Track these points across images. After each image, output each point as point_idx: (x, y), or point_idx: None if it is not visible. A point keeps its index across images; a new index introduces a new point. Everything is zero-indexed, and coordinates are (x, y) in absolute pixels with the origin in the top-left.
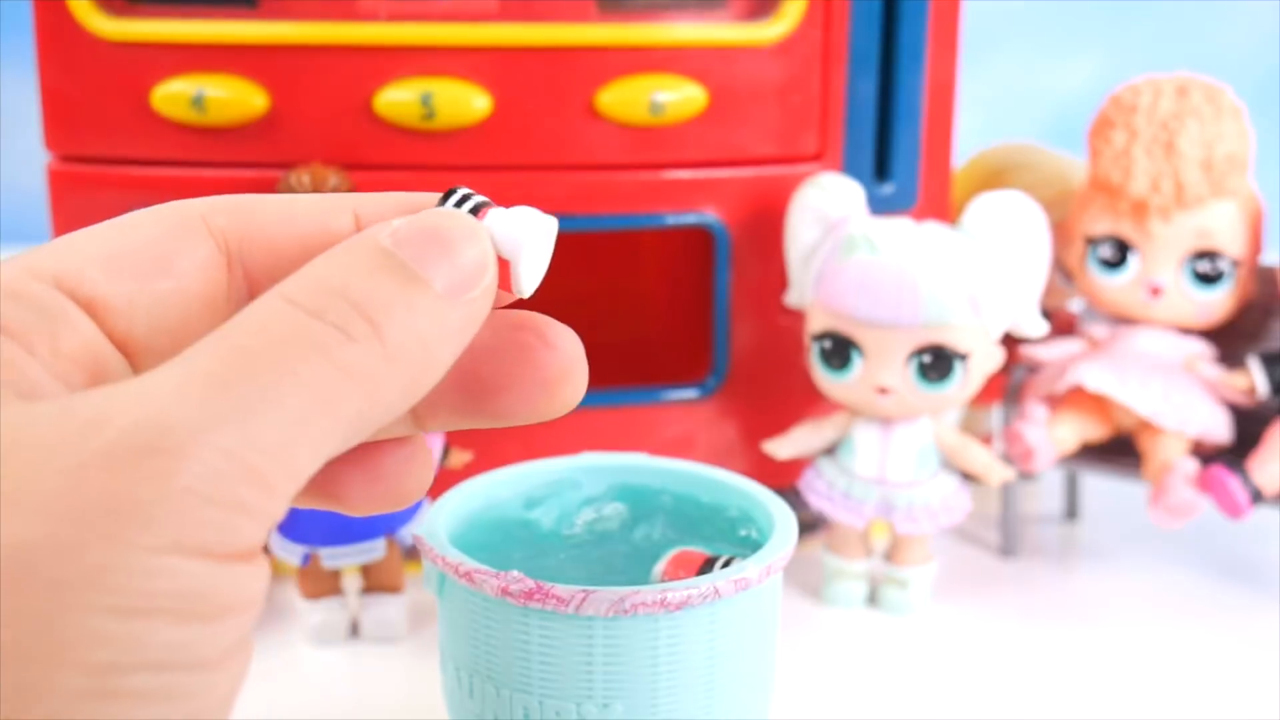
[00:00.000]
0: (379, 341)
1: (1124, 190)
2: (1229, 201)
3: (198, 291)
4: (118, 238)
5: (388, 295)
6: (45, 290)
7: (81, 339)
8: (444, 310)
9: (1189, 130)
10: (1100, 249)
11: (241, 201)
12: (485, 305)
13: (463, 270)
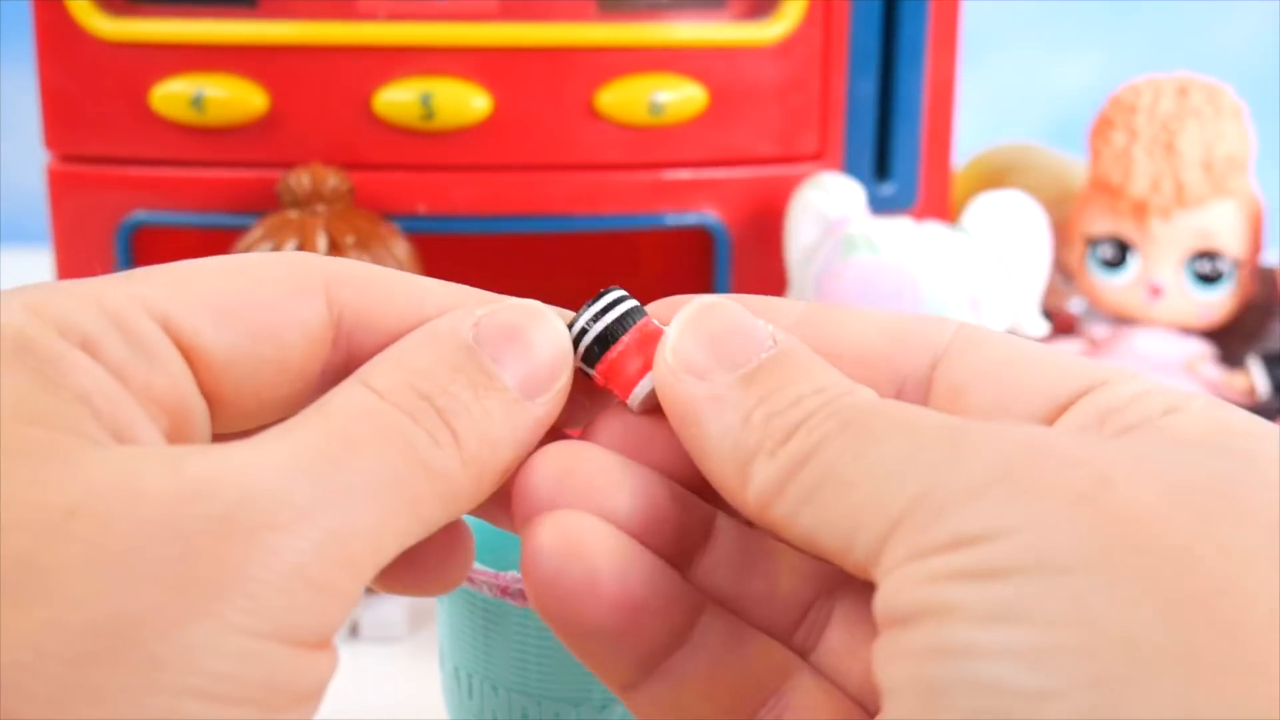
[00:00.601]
0: (457, 448)
1: (1124, 190)
2: (1229, 201)
3: (298, 360)
4: (236, 288)
5: (466, 401)
6: (152, 329)
7: (172, 382)
8: (517, 413)
9: (1189, 130)
10: (1100, 249)
11: (371, 277)
12: (556, 407)
13: (538, 371)
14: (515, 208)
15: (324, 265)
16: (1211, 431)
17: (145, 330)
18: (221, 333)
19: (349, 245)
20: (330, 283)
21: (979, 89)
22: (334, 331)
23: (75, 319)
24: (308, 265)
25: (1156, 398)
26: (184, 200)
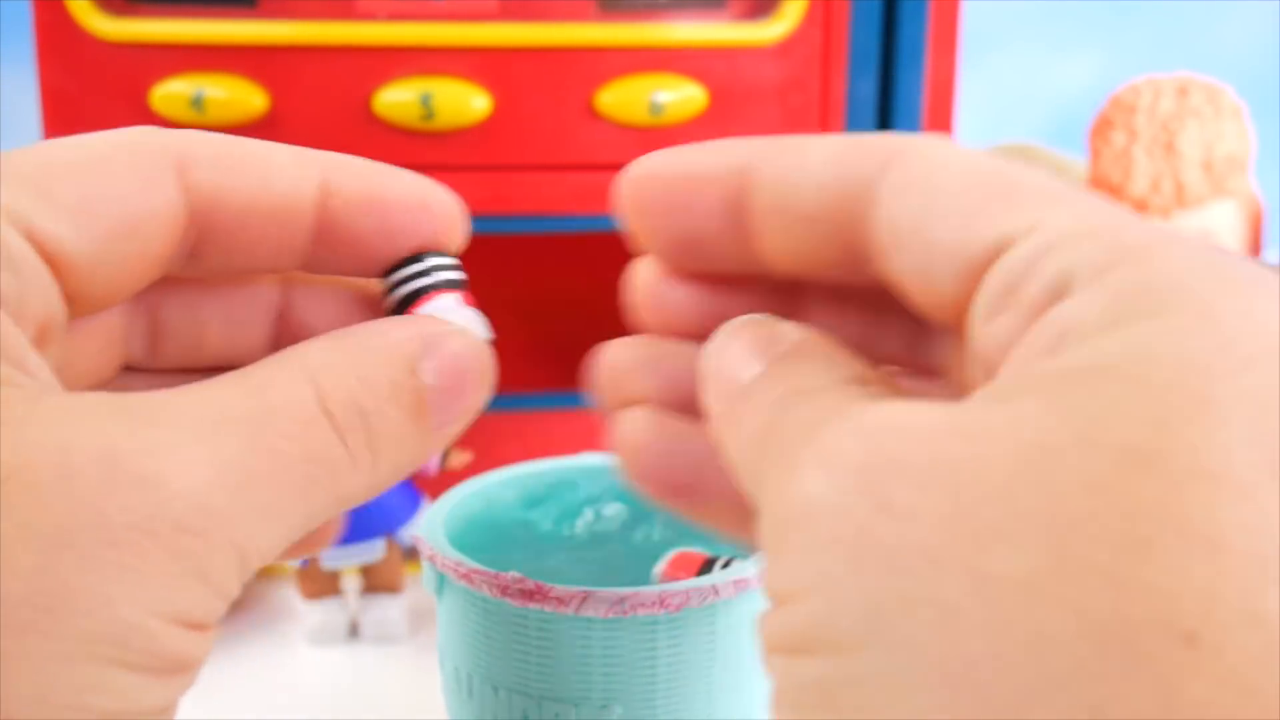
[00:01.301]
0: (373, 471)
1: (1124, 190)
2: (1229, 202)
3: (156, 249)
4: (93, 186)
5: (395, 423)
6: (20, 244)
7: (43, 295)
8: (431, 442)
9: (1189, 130)
10: None
11: (219, 153)
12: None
13: (464, 414)
14: (515, 208)
15: (172, 143)
16: (1095, 331)
17: (15, 247)
18: (83, 236)
19: None
20: (181, 163)
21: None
22: (189, 216)
23: None
24: (160, 143)
25: (1051, 266)
26: None
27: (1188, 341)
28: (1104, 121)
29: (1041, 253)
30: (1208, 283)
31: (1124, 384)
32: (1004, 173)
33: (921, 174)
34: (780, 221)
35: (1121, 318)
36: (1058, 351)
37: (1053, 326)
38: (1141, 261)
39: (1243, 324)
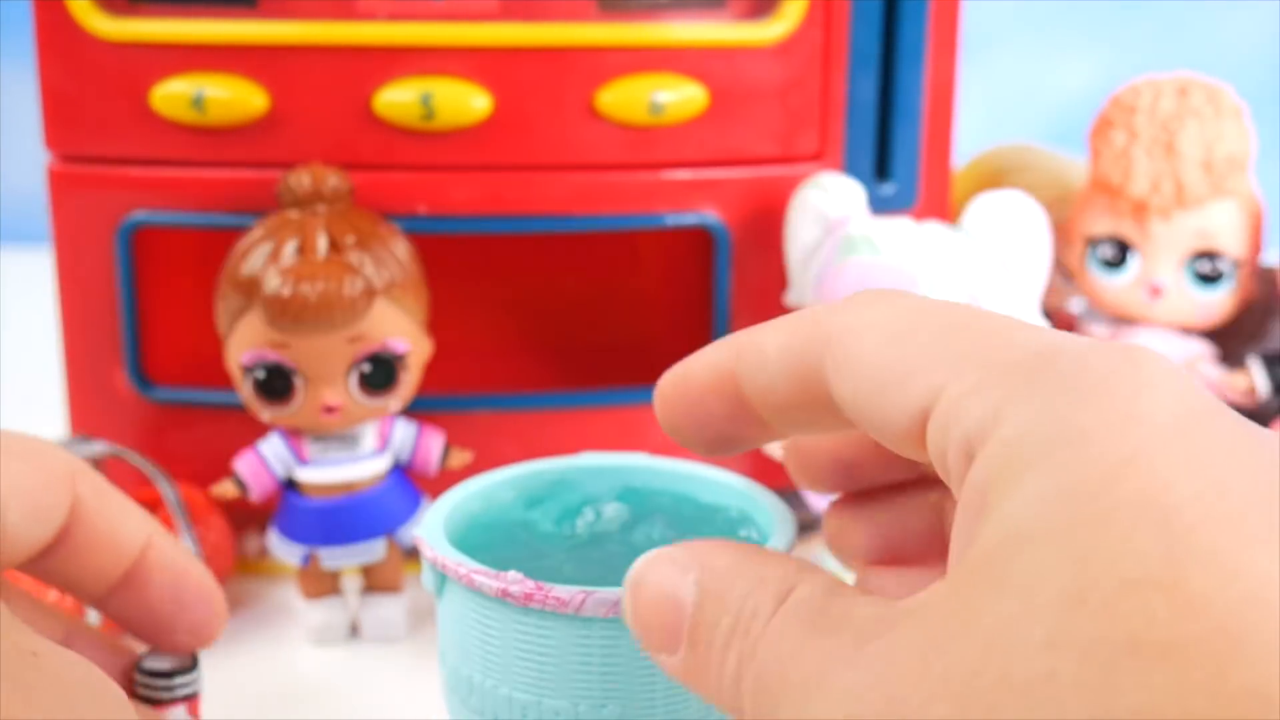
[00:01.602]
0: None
1: (1124, 190)
2: (1229, 202)
3: (57, 524)
4: (30, 483)
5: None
6: None
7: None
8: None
9: (1189, 130)
10: (1101, 249)
11: (97, 484)
12: None
13: None
14: (515, 208)
15: (72, 464)
16: (979, 503)
17: None
18: (20, 521)
19: (349, 245)
20: (74, 481)
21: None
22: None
23: None
24: (63, 463)
25: (957, 432)
26: (184, 200)
27: (1064, 492)
28: (1104, 121)
29: (948, 421)
30: (1084, 417)
31: (1025, 551)
32: (915, 338)
33: (847, 357)
34: (770, 412)
35: (1012, 477)
36: (975, 530)
37: (971, 494)
38: (1025, 410)
39: (1108, 462)
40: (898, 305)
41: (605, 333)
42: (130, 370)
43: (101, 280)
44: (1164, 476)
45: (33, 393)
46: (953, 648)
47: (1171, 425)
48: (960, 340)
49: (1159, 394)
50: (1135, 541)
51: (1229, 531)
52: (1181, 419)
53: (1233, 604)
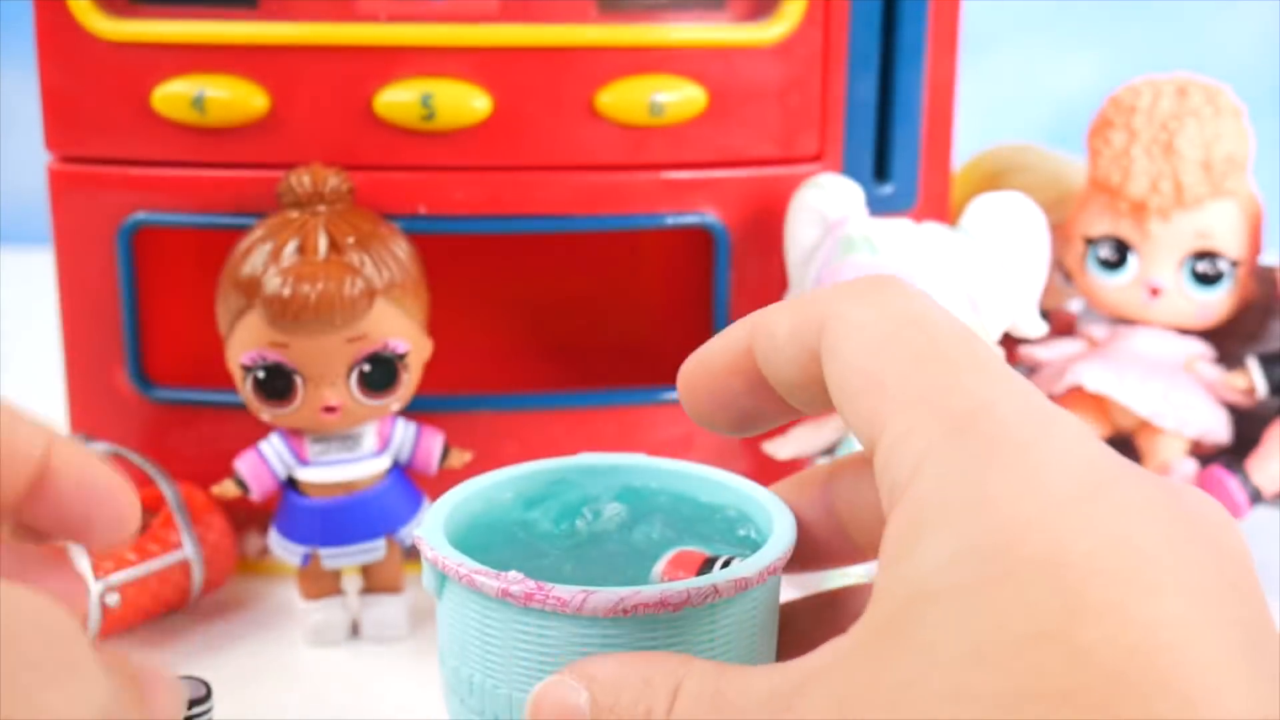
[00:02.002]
0: None
1: (1123, 191)
2: (1228, 202)
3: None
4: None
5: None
6: None
7: None
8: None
9: (1188, 131)
10: (1100, 249)
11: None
12: None
13: None
14: (515, 208)
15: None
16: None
17: None
18: None
19: (349, 245)
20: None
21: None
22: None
23: None
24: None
25: (887, 479)
26: (185, 201)
27: (961, 554)
28: (1103, 121)
29: (882, 464)
30: (991, 482)
31: (929, 609)
32: (888, 356)
33: (833, 352)
34: (786, 389)
35: (915, 537)
36: (880, 586)
37: (885, 545)
38: (940, 468)
39: (1004, 516)
40: (887, 310)
41: (605, 333)
42: (131, 370)
43: (102, 280)
44: (1060, 538)
45: (34, 393)
46: (859, 706)
47: (1075, 489)
48: (919, 375)
49: (1068, 459)
50: (1030, 599)
51: (1121, 584)
52: (1086, 483)
53: (1121, 652)
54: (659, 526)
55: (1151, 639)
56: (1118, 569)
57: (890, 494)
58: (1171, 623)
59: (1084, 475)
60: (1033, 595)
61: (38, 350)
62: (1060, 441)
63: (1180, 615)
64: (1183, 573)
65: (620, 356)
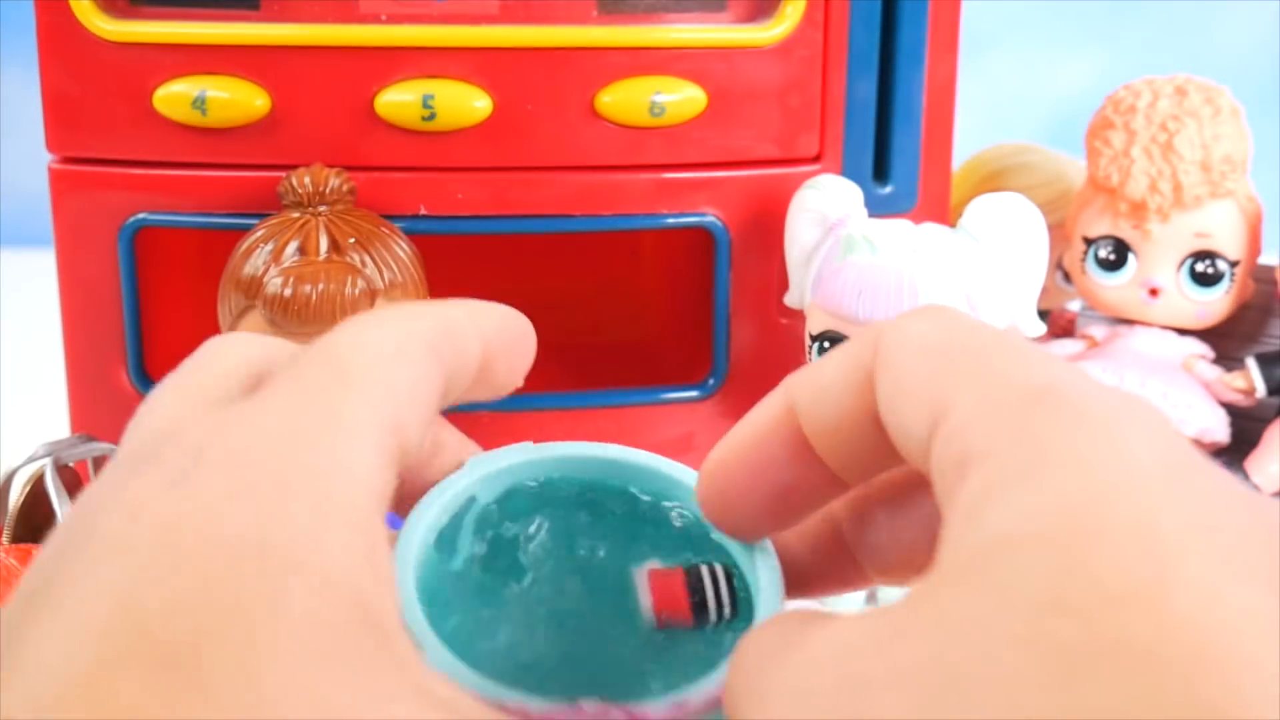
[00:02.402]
0: None
1: (1122, 191)
2: (1227, 202)
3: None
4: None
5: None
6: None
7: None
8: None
9: (1187, 131)
10: (1099, 250)
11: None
12: None
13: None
14: (516, 208)
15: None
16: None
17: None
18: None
19: (350, 246)
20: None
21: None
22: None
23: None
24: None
25: (956, 448)
26: (186, 201)
27: (1053, 504)
28: (1102, 122)
29: (948, 438)
30: (1077, 444)
31: (1014, 553)
32: (944, 353)
33: (888, 363)
34: (828, 440)
35: (1002, 491)
36: (959, 538)
37: (960, 507)
38: (1021, 435)
39: (1093, 477)
40: (937, 320)
41: (605, 333)
42: (132, 370)
43: (103, 281)
44: (1152, 507)
45: (35, 393)
46: (915, 638)
47: (1162, 464)
48: (978, 363)
49: (1152, 434)
50: (1123, 560)
51: (1216, 566)
52: (1171, 461)
53: (1213, 626)
54: (595, 537)
55: (1244, 622)
56: (1211, 550)
57: (959, 463)
58: (1260, 613)
59: (1168, 453)
60: (1125, 557)
61: (39, 350)
62: (1143, 418)
63: (1266, 610)
64: (1266, 569)
65: (620, 356)
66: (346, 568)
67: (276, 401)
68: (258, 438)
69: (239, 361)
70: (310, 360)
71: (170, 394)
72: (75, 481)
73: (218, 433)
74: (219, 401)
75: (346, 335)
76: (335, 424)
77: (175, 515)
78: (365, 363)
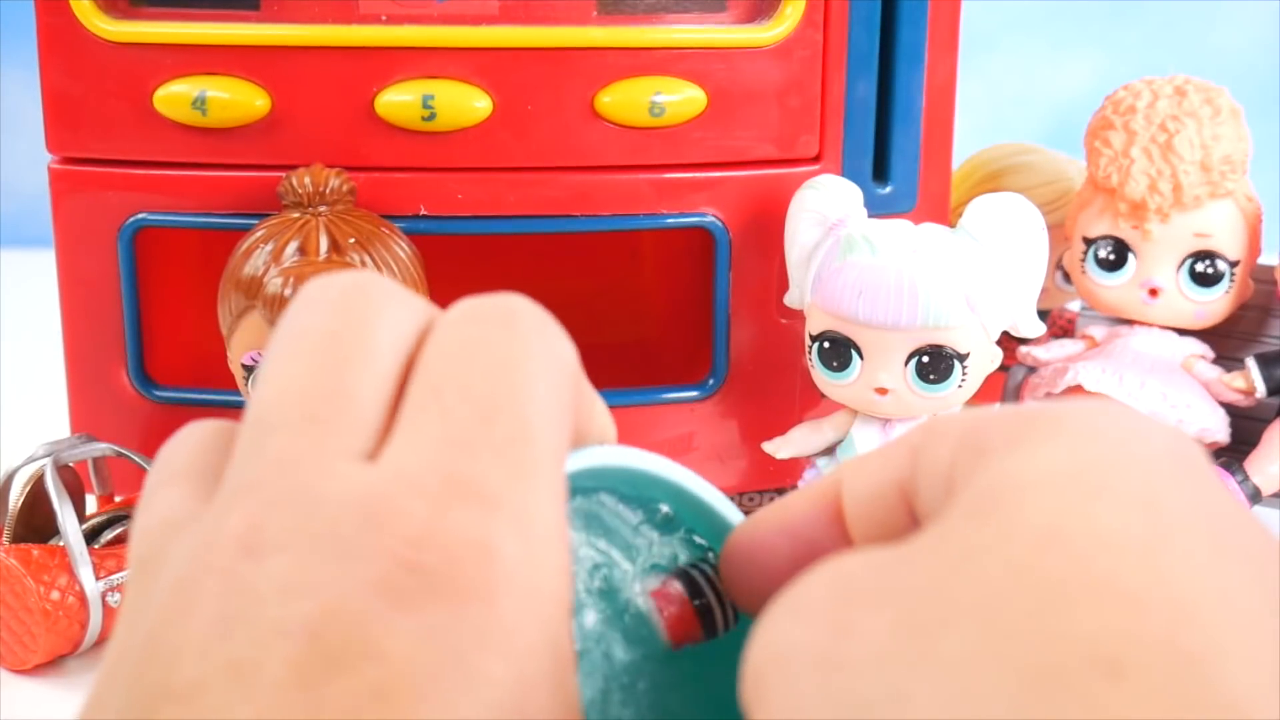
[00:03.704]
0: None
1: (1122, 191)
2: (1227, 202)
3: None
4: None
5: None
6: None
7: None
8: None
9: (1187, 131)
10: (1099, 250)
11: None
12: None
13: None
14: (516, 209)
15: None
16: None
17: None
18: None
19: (350, 246)
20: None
21: (978, 90)
22: None
23: None
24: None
25: (945, 465)
26: (186, 201)
27: (1049, 462)
28: (1102, 122)
29: (932, 466)
30: (1073, 436)
31: (1019, 494)
32: (970, 432)
33: (933, 440)
34: (862, 523)
35: (1013, 446)
36: (973, 477)
37: (963, 466)
38: (1025, 430)
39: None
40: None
41: (605, 333)
42: (132, 370)
43: (104, 281)
44: (1156, 482)
45: (35, 393)
46: (913, 563)
47: (1167, 454)
48: (977, 420)
49: (1155, 430)
50: (1125, 513)
51: (1207, 543)
52: (1175, 452)
53: (1199, 586)
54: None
55: (1224, 591)
56: (1202, 530)
57: (948, 480)
58: (1241, 589)
59: (1172, 445)
60: (1127, 511)
61: (39, 350)
62: (1150, 424)
63: (1248, 587)
64: (1255, 552)
65: (620, 356)
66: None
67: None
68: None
69: (392, 360)
70: (495, 408)
71: (304, 424)
72: (75, 481)
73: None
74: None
75: (516, 365)
76: (541, 533)
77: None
78: (546, 422)
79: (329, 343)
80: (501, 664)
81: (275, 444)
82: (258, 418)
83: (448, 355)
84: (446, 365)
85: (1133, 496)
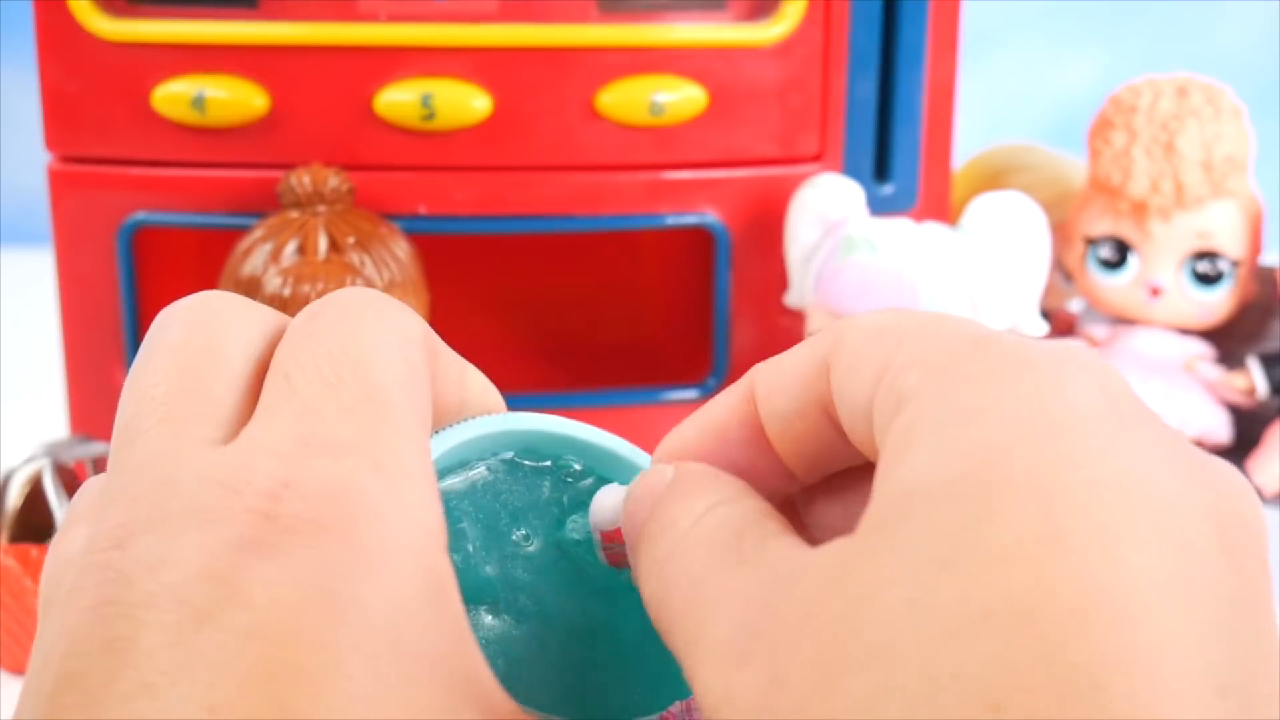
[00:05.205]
0: None
1: (1124, 191)
2: (1229, 202)
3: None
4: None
5: None
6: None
7: None
8: None
9: (1189, 131)
10: (1100, 249)
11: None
12: None
13: None
14: (515, 208)
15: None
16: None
17: None
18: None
19: (350, 245)
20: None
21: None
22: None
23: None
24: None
25: (892, 394)
26: (185, 201)
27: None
28: (1103, 121)
29: (886, 393)
30: (995, 395)
31: (922, 507)
32: (894, 332)
33: (840, 348)
34: (781, 425)
35: (919, 439)
36: (878, 486)
37: (886, 452)
38: (946, 384)
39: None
40: (893, 309)
41: (605, 333)
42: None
43: (102, 280)
44: (1057, 460)
45: (34, 392)
46: (830, 593)
47: (1083, 414)
48: (924, 325)
49: (1082, 384)
50: (1016, 517)
51: (1116, 525)
52: (1096, 411)
53: (1090, 588)
54: (526, 528)
55: (1124, 583)
56: (1108, 507)
57: (897, 404)
58: (1152, 573)
59: (1096, 403)
60: (1013, 513)
61: (38, 350)
62: (1078, 369)
63: (1160, 573)
64: (1178, 530)
65: (620, 356)
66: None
67: (330, 464)
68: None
69: (243, 362)
70: (340, 378)
71: (162, 425)
72: (73, 482)
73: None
74: (215, 440)
75: (357, 340)
76: (401, 472)
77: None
78: (393, 381)
79: (180, 351)
80: (372, 590)
81: (138, 448)
82: (121, 429)
83: (294, 346)
84: (293, 354)
85: (1031, 496)
